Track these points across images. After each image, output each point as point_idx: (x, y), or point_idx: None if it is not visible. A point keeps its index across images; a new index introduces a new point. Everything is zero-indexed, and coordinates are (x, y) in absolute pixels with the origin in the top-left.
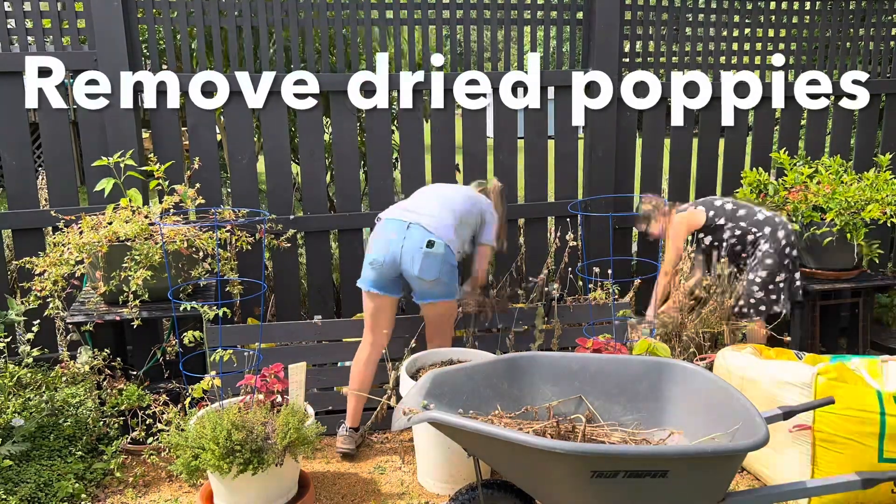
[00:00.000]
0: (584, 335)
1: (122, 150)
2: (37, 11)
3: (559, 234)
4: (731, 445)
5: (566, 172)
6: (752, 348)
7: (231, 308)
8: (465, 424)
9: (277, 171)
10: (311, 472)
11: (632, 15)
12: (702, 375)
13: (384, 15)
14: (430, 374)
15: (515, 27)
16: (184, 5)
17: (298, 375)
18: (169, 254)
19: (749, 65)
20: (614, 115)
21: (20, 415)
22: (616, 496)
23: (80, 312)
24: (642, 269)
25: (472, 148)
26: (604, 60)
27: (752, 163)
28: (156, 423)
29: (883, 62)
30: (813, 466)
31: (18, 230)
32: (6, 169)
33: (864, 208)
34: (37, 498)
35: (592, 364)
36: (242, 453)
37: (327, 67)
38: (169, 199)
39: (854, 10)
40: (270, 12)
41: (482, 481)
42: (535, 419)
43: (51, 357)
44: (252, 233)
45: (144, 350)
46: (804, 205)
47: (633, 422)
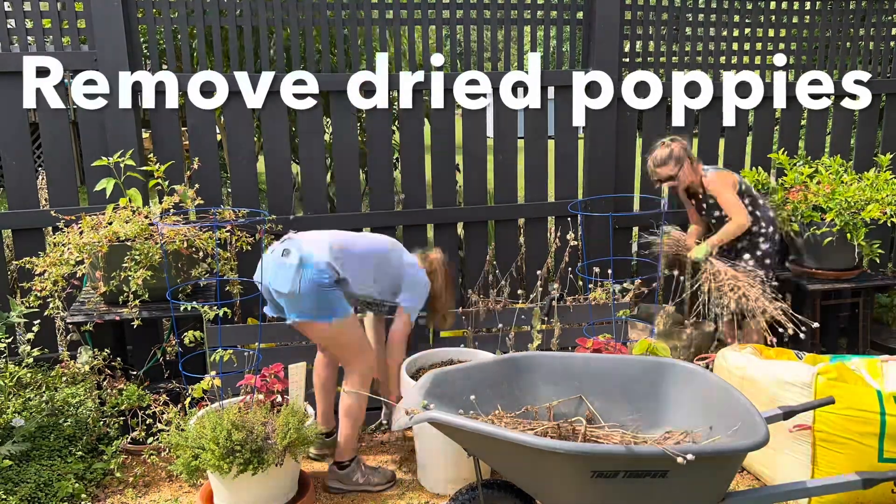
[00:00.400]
0: (584, 335)
1: (122, 150)
2: (37, 11)
3: (559, 234)
4: (731, 445)
5: (566, 172)
6: (752, 348)
7: (231, 308)
8: (465, 424)
9: (277, 171)
10: (311, 472)
11: (632, 15)
12: (702, 375)
13: (384, 15)
14: (430, 374)
15: (515, 27)
16: (184, 5)
17: (298, 375)
18: (169, 254)
19: (749, 65)
20: (614, 114)
21: (20, 415)
22: (616, 496)
23: (80, 312)
24: (642, 270)
25: (473, 148)
26: (604, 60)
27: (751, 163)
28: (156, 423)
29: (883, 62)
30: (813, 466)
31: (18, 230)
32: (6, 169)
33: (864, 208)
34: (37, 498)
35: (592, 364)
36: (242, 453)
37: (328, 67)
38: (169, 199)
39: (854, 10)
40: (271, 12)
41: (482, 481)
42: (535, 419)
43: (51, 357)
44: (252, 233)
45: (144, 350)
46: (804, 205)
47: (634, 422)
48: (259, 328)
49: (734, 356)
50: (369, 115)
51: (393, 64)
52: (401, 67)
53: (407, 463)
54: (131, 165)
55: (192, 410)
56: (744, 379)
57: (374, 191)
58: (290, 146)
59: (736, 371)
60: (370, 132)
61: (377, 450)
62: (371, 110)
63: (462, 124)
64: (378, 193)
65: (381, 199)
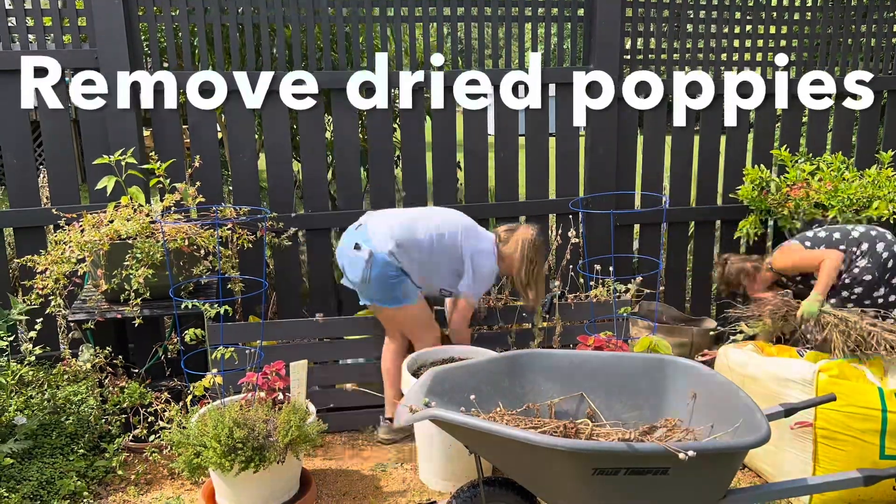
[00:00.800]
0: (585, 332)
1: (123, 149)
2: (37, 9)
3: (560, 232)
4: (733, 442)
5: (567, 170)
6: (754, 345)
7: (232, 306)
8: (466, 422)
9: (278, 168)
10: (313, 470)
11: (633, 12)
12: (703, 372)
13: (385, 13)
14: (432, 372)
15: (516, 24)
16: (184, 3)
17: (300, 373)
18: (170, 252)
19: (751, 62)
20: (615, 113)
21: (22, 413)
22: (617, 493)
23: (81, 310)
24: (644, 267)
25: (473, 146)
26: (605, 58)
27: (753, 160)
28: (157, 420)
29: (885, 59)
30: (814, 463)
31: (20, 228)
32: (7, 167)
33: (866, 206)
34: (39, 496)
35: (594, 361)
36: (244, 451)
37: (329, 65)
38: (170, 197)
39: (856, 7)
40: (272, 10)
41: (483, 479)
42: (536, 416)
43: (53, 355)
44: (253, 231)
45: (146, 348)
46: (806, 202)
47: (635, 419)
48: (261, 326)
49: (735, 353)
50: (370, 113)
51: (394, 63)
52: (402, 65)
53: (408, 461)
54: (132, 163)
55: (193, 408)
56: (745, 376)
57: (375, 189)
58: (291, 144)
59: (737, 368)
60: (371, 130)
61: (378, 447)
62: (371, 109)
63: (463, 122)
64: (379, 191)
65: (382, 196)
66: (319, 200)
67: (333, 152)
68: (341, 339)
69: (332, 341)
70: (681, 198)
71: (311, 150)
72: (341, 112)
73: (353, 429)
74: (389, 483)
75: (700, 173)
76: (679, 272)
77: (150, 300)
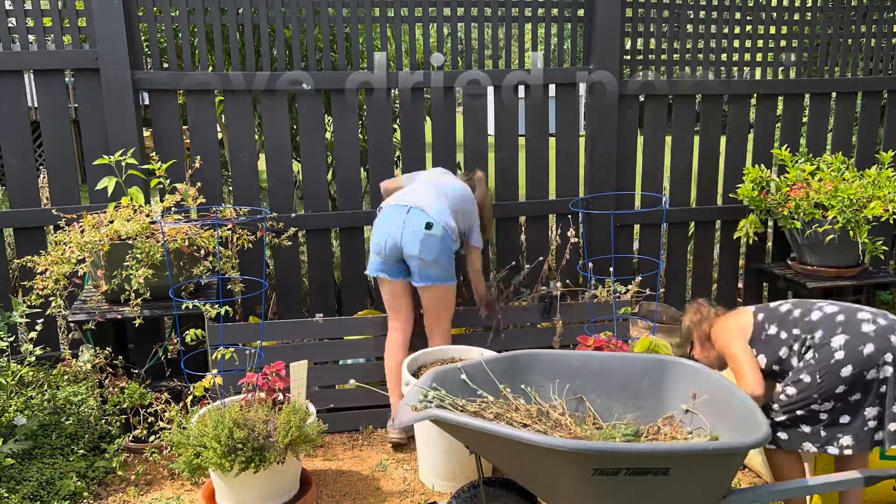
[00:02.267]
0: (585, 333)
1: (124, 149)
2: (37, 10)
3: (560, 232)
4: (733, 443)
5: (567, 170)
6: None
7: (232, 306)
8: (467, 422)
9: (278, 169)
10: (313, 470)
11: (633, 12)
12: (703, 373)
13: (385, 13)
14: (432, 372)
15: (516, 24)
16: (184, 3)
17: (300, 373)
18: (170, 252)
19: (751, 62)
20: (616, 112)
21: (22, 413)
22: (617, 493)
23: (81, 311)
24: (644, 267)
25: (474, 146)
26: (605, 58)
27: (753, 160)
28: (158, 421)
29: (885, 59)
30: (814, 464)
31: (20, 229)
32: (7, 167)
33: (866, 206)
34: (39, 496)
35: (594, 362)
36: (244, 451)
37: (329, 66)
38: (170, 197)
39: (856, 7)
40: (272, 10)
41: (484, 479)
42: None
43: (53, 356)
44: (253, 231)
45: (146, 348)
46: (806, 202)
47: (635, 419)
48: (261, 326)
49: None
50: (370, 113)
51: (394, 63)
52: (402, 65)
53: (408, 461)
54: (133, 164)
55: (193, 409)
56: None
57: (375, 189)
58: (291, 144)
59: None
60: (371, 130)
61: (378, 447)
62: (371, 109)
63: (463, 122)
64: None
65: (382, 197)
66: (319, 201)
67: (333, 153)
68: (341, 339)
69: (332, 341)
70: (681, 198)
71: (311, 151)
72: (341, 112)
73: (352, 429)
74: (389, 483)
75: (700, 173)
76: (679, 272)
77: (151, 300)
